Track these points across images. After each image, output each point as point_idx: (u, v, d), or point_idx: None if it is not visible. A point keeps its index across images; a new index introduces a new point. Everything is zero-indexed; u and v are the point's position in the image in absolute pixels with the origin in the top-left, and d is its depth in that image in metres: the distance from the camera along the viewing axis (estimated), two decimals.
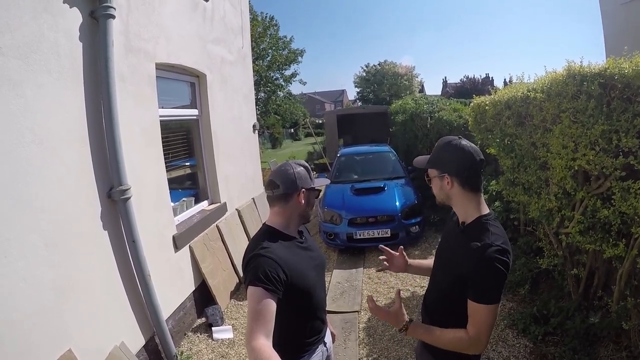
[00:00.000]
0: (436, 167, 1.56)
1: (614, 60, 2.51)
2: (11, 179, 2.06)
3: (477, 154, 1.49)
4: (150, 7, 3.45)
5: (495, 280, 1.37)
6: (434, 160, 1.58)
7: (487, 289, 1.37)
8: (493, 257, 1.35)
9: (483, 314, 1.38)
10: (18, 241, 2.07)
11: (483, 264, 1.36)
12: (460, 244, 1.50)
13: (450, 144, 1.53)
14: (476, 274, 1.38)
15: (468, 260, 1.40)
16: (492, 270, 1.35)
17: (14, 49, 2.09)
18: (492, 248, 1.36)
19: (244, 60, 6.25)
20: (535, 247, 3.93)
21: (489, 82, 31.80)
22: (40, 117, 2.26)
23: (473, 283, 1.39)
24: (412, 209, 5.85)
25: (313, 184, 1.71)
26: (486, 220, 1.48)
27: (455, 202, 1.55)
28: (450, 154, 1.51)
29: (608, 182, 2.59)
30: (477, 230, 1.46)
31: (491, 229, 1.44)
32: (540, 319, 3.28)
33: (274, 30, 16.32)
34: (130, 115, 3.09)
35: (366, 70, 33.18)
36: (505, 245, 1.39)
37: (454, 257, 1.53)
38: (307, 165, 1.73)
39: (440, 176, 1.53)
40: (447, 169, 1.51)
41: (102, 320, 2.66)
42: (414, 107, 8.84)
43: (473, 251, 1.39)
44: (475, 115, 4.31)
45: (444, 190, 1.54)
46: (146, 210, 3.25)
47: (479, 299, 1.38)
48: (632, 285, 2.66)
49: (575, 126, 2.66)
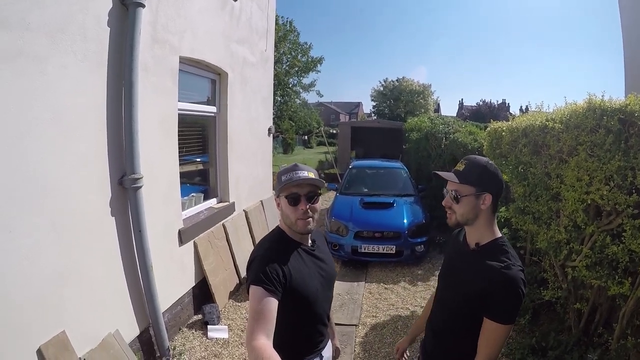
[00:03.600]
0: (475, 185, 1.51)
1: (635, 97, 2.50)
2: (25, 157, 2.09)
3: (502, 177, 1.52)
4: (180, 1, 3.52)
5: (517, 300, 1.38)
6: (472, 178, 1.52)
7: (507, 308, 1.38)
8: (517, 278, 1.37)
9: (500, 333, 1.39)
10: (26, 219, 2.10)
11: (507, 284, 1.36)
12: (473, 263, 1.49)
13: (488, 163, 1.53)
14: (498, 293, 1.37)
15: (487, 279, 1.39)
16: (514, 290, 1.36)
17: (42, 26, 2.13)
18: (515, 268, 1.39)
19: (266, 63, 6.32)
20: (539, 277, 3.87)
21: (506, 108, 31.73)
22: (62, 97, 2.30)
23: (493, 302, 1.38)
24: (419, 228, 5.82)
25: (278, 190, 1.57)
26: (503, 242, 1.50)
27: (478, 222, 1.52)
28: (490, 174, 1.51)
29: (619, 219, 2.56)
30: (494, 251, 1.47)
31: (510, 251, 1.46)
32: (539, 351, 3.22)
33: (294, 36, 16.51)
34: (149, 105, 3.14)
35: (384, 85, 33.36)
36: (523, 267, 1.43)
37: (464, 277, 1.51)
38: (288, 167, 1.60)
39: (477, 194, 1.49)
40: (489, 188, 1.50)
41: (99, 306, 2.67)
42: (429, 126, 8.84)
43: (495, 270, 1.39)
44: (491, 140, 4.28)
45: (476, 210, 1.50)
46: (155, 201, 3.28)
47: (498, 318, 1.38)
48: (633, 324, 2.62)
49: (592, 160, 2.64)
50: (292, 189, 1.54)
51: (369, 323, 4.15)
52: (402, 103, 31.16)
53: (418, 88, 31.87)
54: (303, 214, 1.54)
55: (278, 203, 1.62)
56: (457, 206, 1.53)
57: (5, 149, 1.97)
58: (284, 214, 1.59)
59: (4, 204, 1.98)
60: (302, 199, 1.54)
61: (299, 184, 1.53)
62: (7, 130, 1.98)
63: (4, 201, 1.97)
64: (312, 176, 1.55)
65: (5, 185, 1.98)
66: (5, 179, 1.99)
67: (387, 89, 33.00)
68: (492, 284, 1.38)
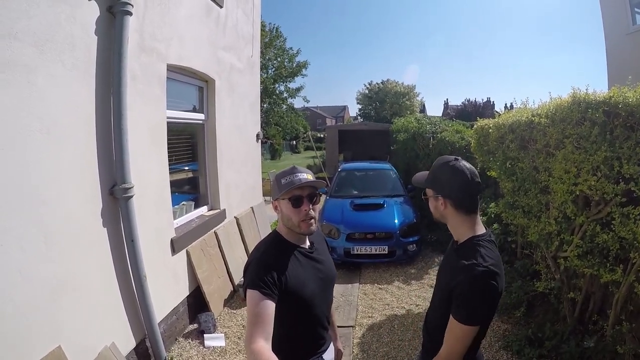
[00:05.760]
0: (432, 187, 1.55)
1: (618, 89, 2.57)
2: (14, 168, 2.05)
3: (473, 176, 1.46)
4: (166, 8, 3.50)
5: (477, 301, 1.34)
6: (430, 180, 1.57)
7: (466, 307, 1.35)
8: (478, 277, 1.33)
9: (457, 332, 1.37)
10: (17, 232, 2.05)
11: (467, 282, 1.34)
12: (451, 262, 1.50)
13: (447, 164, 1.51)
14: (459, 291, 1.36)
15: (455, 277, 1.39)
16: (475, 289, 1.33)
17: (30, 36, 2.11)
18: (479, 268, 1.34)
19: (252, 69, 6.32)
20: (531, 270, 3.94)
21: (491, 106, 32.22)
22: (50, 107, 2.27)
23: (455, 299, 1.38)
24: (411, 228, 5.86)
25: (278, 193, 1.56)
26: (478, 240, 1.46)
27: (449, 223, 1.55)
28: (445, 175, 1.50)
29: (608, 208, 2.62)
30: (467, 249, 1.45)
31: (481, 250, 1.41)
32: (535, 342, 3.26)
33: (280, 42, 16.57)
34: (138, 113, 3.11)
35: (369, 87, 33.64)
36: (494, 268, 1.36)
37: (446, 275, 1.53)
38: (286, 170, 1.61)
39: (435, 196, 1.53)
40: (441, 191, 1.51)
41: (94, 319, 2.62)
42: (416, 127, 8.92)
43: (459, 269, 1.38)
44: (479, 137, 4.35)
45: (438, 211, 1.54)
46: (147, 210, 3.25)
47: (456, 315, 1.37)
48: (627, 310, 2.69)
49: (578, 152, 2.70)
50: (294, 191, 1.53)
51: (366, 324, 4.15)
52: (387, 105, 31.46)
53: (403, 90, 32.25)
54: (306, 215, 1.54)
55: (276, 206, 1.62)
56: (430, 206, 1.59)
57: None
58: (286, 217, 1.57)
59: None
60: (305, 201, 1.55)
61: (301, 186, 1.53)
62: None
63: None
64: (311, 177, 1.56)
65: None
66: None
67: (373, 92, 33.31)
68: (457, 282, 1.37)
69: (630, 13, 8.12)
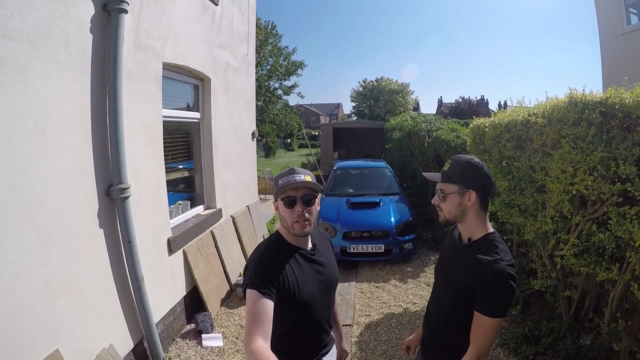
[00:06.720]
0: (459, 183, 1.54)
1: (614, 89, 2.58)
2: (9, 169, 2.02)
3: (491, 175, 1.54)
4: (161, 6, 3.47)
5: (506, 294, 1.40)
6: (456, 176, 1.56)
7: (496, 302, 1.40)
8: (505, 272, 1.38)
9: (490, 326, 1.41)
10: (13, 234, 2.02)
11: (495, 278, 1.39)
12: (465, 259, 1.52)
13: (472, 161, 1.54)
14: (487, 287, 1.40)
15: (476, 273, 1.42)
16: (503, 284, 1.38)
17: (24, 34, 2.07)
18: (504, 262, 1.41)
19: (248, 67, 6.29)
20: (527, 268, 3.96)
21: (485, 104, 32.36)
22: (44, 106, 2.23)
23: (483, 296, 1.41)
24: (407, 226, 5.87)
25: (277, 192, 1.57)
26: (493, 237, 1.53)
27: (468, 219, 1.55)
28: (474, 170, 1.53)
29: (604, 207, 2.64)
30: (485, 246, 1.50)
31: (500, 246, 1.48)
32: (532, 339, 3.29)
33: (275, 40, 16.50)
34: (134, 112, 3.09)
35: (363, 85, 33.60)
36: (513, 262, 1.44)
37: (457, 272, 1.54)
38: (285, 171, 1.61)
39: (461, 192, 1.52)
40: (473, 185, 1.52)
41: (92, 321, 2.60)
42: (411, 125, 8.92)
43: (484, 265, 1.42)
44: (474, 136, 4.36)
45: (463, 206, 1.53)
46: (143, 210, 3.22)
47: (487, 311, 1.40)
48: (623, 308, 2.72)
49: (575, 152, 2.72)
50: (289, 192, 1.54)
51: (363, 322, 4.16)
52: (381, 103, 31.46)
53: (397, 87, 32.26)
54: (299, 216, 1.53)
55: (276, 207, 1.62)
56: (444, 204, 1.58)
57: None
58: (282, 217, 1.58)
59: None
60: (298, 202, 1.54)
61: (295, 187, 1.53)
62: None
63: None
64: (308, 179, 1.55)
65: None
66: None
67: (367, 89, 33.28)
68: (481, 278, 1.41)
69: (625, 13, 8.19)
